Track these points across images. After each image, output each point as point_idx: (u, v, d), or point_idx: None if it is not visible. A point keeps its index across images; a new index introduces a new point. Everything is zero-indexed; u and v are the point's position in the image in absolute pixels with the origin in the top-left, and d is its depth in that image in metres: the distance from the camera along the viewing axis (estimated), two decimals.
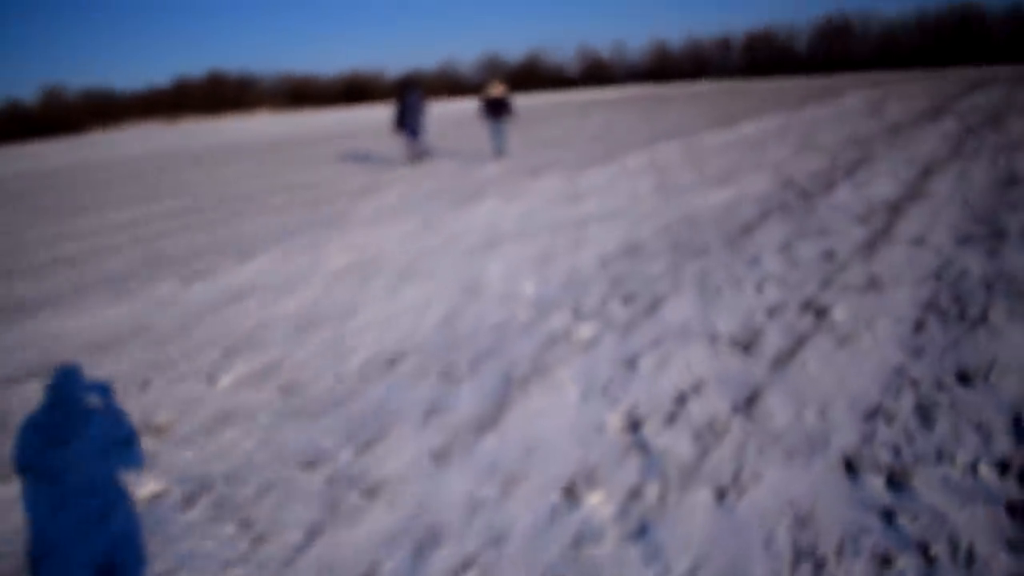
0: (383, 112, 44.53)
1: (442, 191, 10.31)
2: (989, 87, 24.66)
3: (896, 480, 2.55)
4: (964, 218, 6.05)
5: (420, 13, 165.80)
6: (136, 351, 4.56)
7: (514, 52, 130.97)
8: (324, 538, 2.50)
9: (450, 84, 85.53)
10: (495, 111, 14.12)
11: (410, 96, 14.09)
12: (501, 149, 14.40)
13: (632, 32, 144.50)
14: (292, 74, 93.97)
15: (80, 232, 9.61)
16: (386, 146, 19.30)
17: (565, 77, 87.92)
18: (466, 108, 42.25)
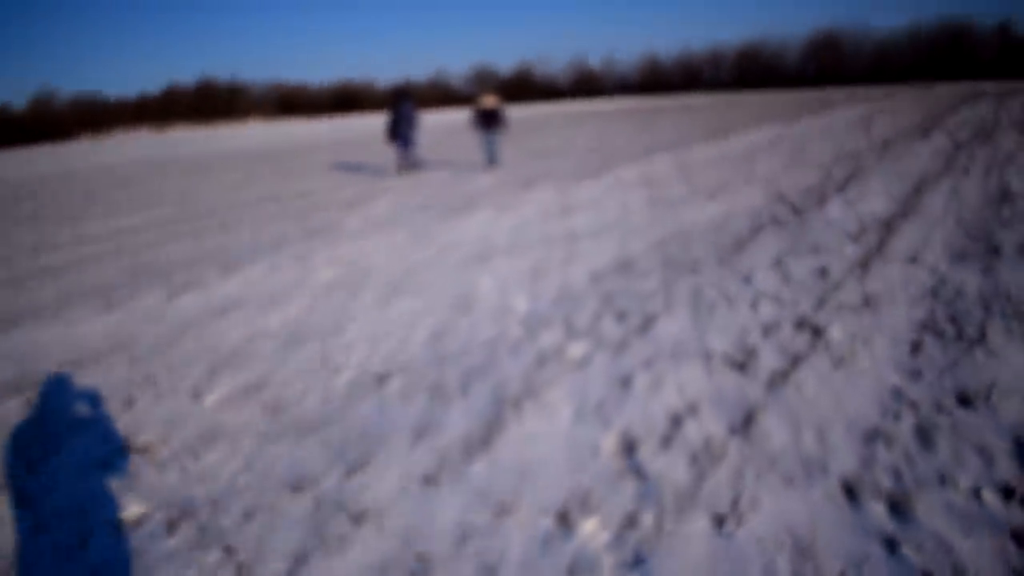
0: (374, 121, 44.50)
1: (433, 202, 10.24)
2: (978, 102, 24.85)
3: (898, 506, 2.49)
4: (958, 235, 6.02)
5: (411, 23, 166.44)
6: (119, 366, 4.46)
7: (505, 63, 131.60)
8: (310, 567, 2.42)
9: (441, 94, 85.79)
10: (487, 122, 14.11)
11: (403, 106, 14.11)
12: (493, 160, 14.37)
13: (623, 45, 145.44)
14: (283, 83, 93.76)
15: (64, 241, 9.47)
16: (377, 156, 19.23)
17: (557, 89, 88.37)
18: (457, 118, 42.24)
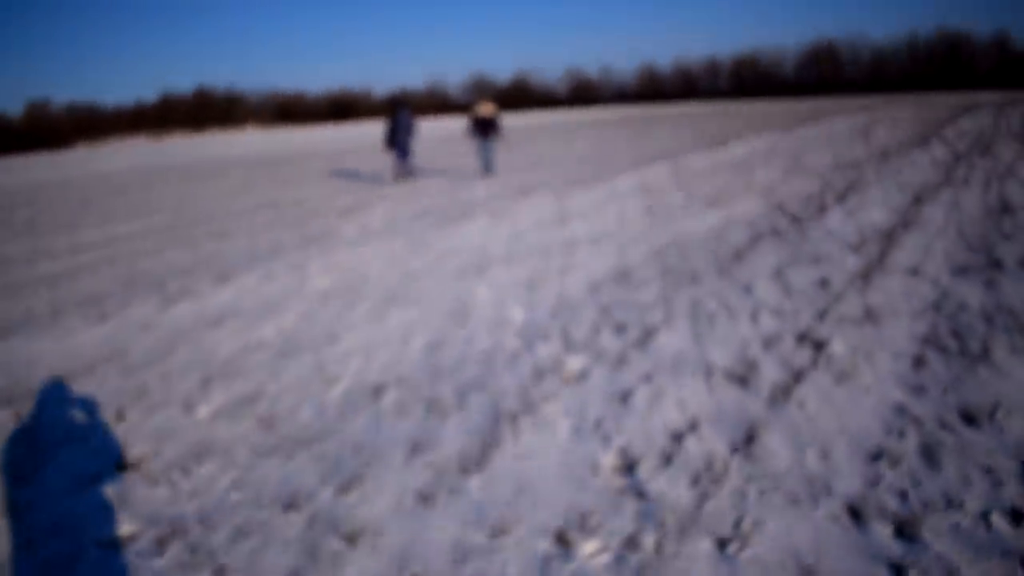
0: (371, 129, 44.51)
1: (429, 211, 10.19)
2: (976, 112, 24.90)
3: (904, 529, 2.43)
4: (959, 247, 5.98)
5: (409, 32, 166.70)
6: (111, 378, 4.38)
7: (502, 72, 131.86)
8: None
9: (438, 103, 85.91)
10: (483, 130, 14.10)
11: (400, 115, 14.13)
12: (489, 168, 14.34)
13: (620, 54, 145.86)
14: (279, 91, 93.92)
15: (59, 250, 9.40)
16: (373, 164, 19.19)
17: (553, 97, 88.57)
18: (454, 127, 42.25)
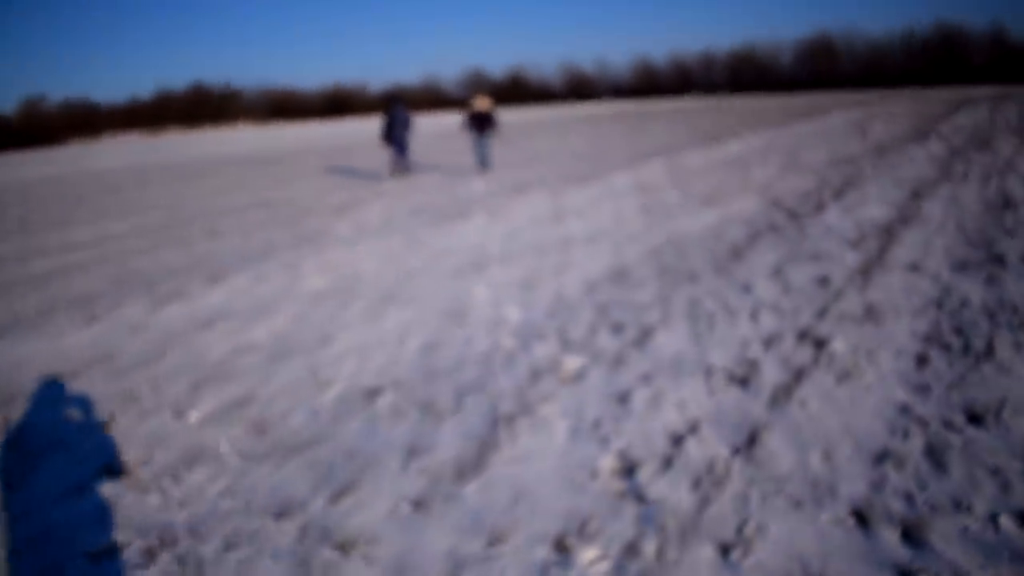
0: (366, 125, 44.33)
1: (425, 208, 10.12)
2: (972, 107, 24.87)
3: (912, 534, 2.37)
4: (959, 243, 5.92)
5: (403, 27, 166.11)
6: (100, 381, 4.31)
7: (497, 67, 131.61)
8: None
9: (433, 98, 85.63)
10: (479, 125, 14.02)
11: (397, 110, 14.06)
12: (485, 163, 14.26)
13: (616, 48, 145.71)
14: (274, 87, 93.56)
15: (51, 248, 9.31)
16: (369, 160, 19.09)
17: (549, 92, 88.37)
18: (450, 122, 42.15)
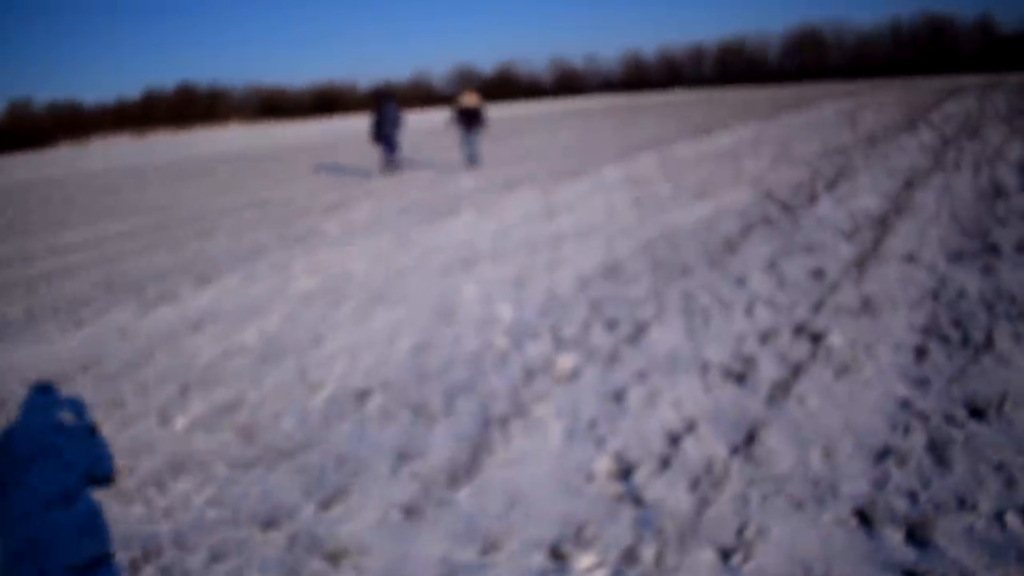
0: (356, 123, 44.11)
1: (415, 205, 10.03)
2: (961, 95, 24.87)
3: (916, 533, 2.31)
4: (954, 233, 5.87)
5: (391, 24, 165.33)
6: (86, 388, 4.22)
7: (487, 63, 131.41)
8: None
9: (423, 94, 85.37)
10: (468, 121, 13.93)
11: (386, 107, 13.96)
12: (474, 159, 14.18)
13: (605, 42, 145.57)
14: (263, 86, 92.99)
15: (38, 252, 9.19)
16: (358, 158, 18.97)
17: (539, 87, 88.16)
18: (439, 119, 41.99)
